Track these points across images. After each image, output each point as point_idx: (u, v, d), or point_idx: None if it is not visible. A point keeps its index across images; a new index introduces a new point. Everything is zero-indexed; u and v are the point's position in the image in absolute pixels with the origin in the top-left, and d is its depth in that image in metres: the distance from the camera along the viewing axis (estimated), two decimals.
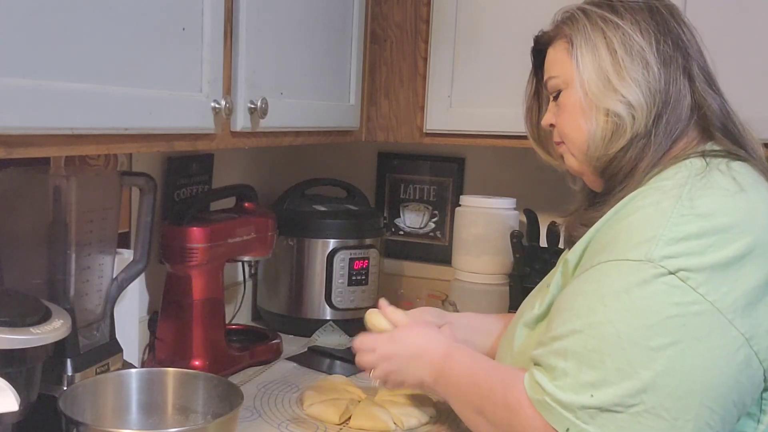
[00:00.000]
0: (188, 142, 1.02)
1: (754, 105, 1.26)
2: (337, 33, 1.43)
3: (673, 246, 0.77)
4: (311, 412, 1.25)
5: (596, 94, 0.90)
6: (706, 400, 0.75)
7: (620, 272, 0.79)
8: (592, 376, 0.77)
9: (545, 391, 0.80)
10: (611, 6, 0.93)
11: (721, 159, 0.87)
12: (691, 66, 0.91)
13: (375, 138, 1.61)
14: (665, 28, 0.91)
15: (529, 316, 0.97)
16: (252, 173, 1.83)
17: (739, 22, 1.27)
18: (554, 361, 0.81)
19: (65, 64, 0.77)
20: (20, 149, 0.74)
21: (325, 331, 1.65)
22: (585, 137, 0.93)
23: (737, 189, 0.82)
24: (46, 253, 1.05)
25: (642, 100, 0.88)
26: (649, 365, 0.75)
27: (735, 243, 0.77)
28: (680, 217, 0.79)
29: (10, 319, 0.85)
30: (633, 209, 0.84)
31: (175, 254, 1.36)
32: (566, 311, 0.83)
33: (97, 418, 1.04)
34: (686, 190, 0.82)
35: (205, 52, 1.01)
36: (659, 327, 0.75)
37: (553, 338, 0.83)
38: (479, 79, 1.50)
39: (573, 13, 0.96)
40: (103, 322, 1.13)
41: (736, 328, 0.75)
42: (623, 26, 0.90)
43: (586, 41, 0.92)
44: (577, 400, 0.77)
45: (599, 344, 0.78)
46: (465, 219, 1.67)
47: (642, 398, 0.75)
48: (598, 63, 0.91)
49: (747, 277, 0.77)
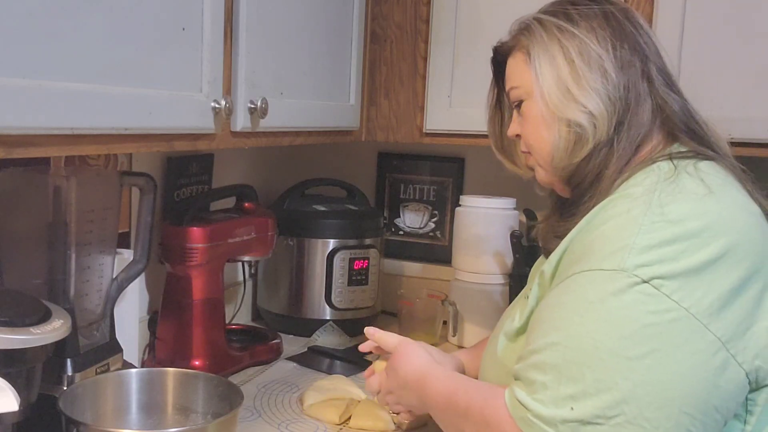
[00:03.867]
0: (188, 142, 1.02)
1: (753, 105, 1.27)
2: (337, 33, 1.43)
3: (646, 254, 0.77)
4: (311, 412, 1.25)
5: (557, 104, 0.90)
6: (686, 407, 0.74)
7: (595, 282, 0.79)
8: (572, 389, 0.76)
9: (526, 407, 0.79)
10: (566, 14, 0.93)
11: (689, 160, 0.87)
12: (650, 69, 0.91)
13: (375, 138, 1.61)
14: (621, 33, 0.91)
15: (509, 328, 0.96)
16: (252, 173, 1.83)
17: (740, 22, 1.27)
18: (533, 375, 0.80)
19: (65, 64, 0.77)
20: (20, 149, 0.74)
21: (325, 331, 1.65)
22: (549, 148, 0.93)
23: (706, 191, 0.82)
24: (46, 253, 1.05)
25: (602, 108, 0.88)
26: (627, 375, 0.74)
27: (707, 247, 0.77)
28: (651, 224, 0.78)
29: (10, 319, 0.85)
30: (605, 218, 0.84)
31: (175, 254, 1.36)
32: (544, 323, 0.83)
33: (97, 418, 1.04)
34: (656, 196, 0.81)
35: (205, 52, 1.01)
36: (636, 336, 0.75)
37: (532, 351, 0.82)
38: (479, 79, 1.49)
39: (529, 23, 0.96)
40: (103, 322, 1.13)
41: (712, 332, 0.75)
42: (579, 35, 0.90)
43: (544, 52, 0.92)
44: (557, 413, 0.76)
45: (577, 356, 0.77)
46: (465, 219, 1.67)
47: (622, 409, 0.74)
48: (556, 73, 0.90)
49: (721, 280, 0.76)
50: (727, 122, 0.99)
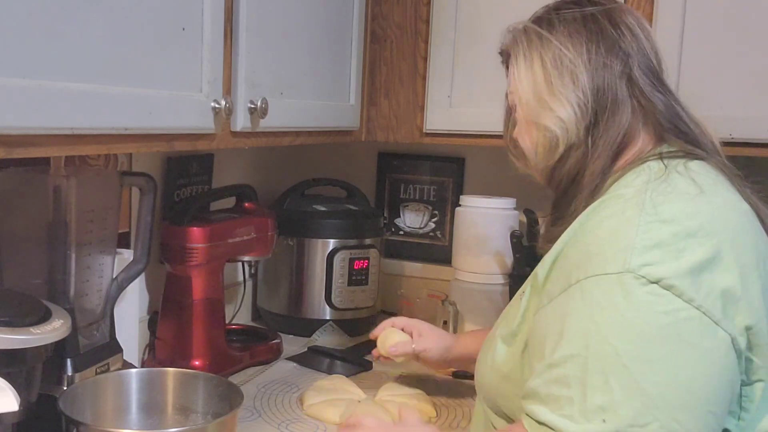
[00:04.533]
0: (188, 142, 1.02)
1: (753, 105, 1.27)
2: (337, 33, 1.43)
3: (648, 253, 0.76)
4: (311, 412, 1.25)
5: (532, 110, 0.93)
6: (710, 406, 0.74)
7: (602, 287, 0.78)
8: (600, 399, 0.74)
9: (552, 427, 0.76)
10: (549, 21, 0.94)
11: (679, 159, 0.87)
12: (631, 69, 0.91)
13: (375, 138, 1.61)
14: (599, 35, 0.91)
15: (505, 331, 0.95)
16: (252, 173, 1.83)
17: (740, 21, 1.27)
18: (557, 391, 0.77)
19: (65, 64, 0.77)
20: (20, 149, 0.74)
21: (325, 331, 1.65)
22: (530, 150, 0.97)
23: (697, 191, 0.82)
24: (46, 253, 1.05)
25: (571, 113, 0.90)
26: (652, 379, 0.73)
27: (703, 246, 0.77)
28: (647, 225, 0.78)
29: (10, 319, 0.85)
30: (599, 220, 0.84)
31: (175, 254, 1.36)
32: (556, 335, 0.80)
33: (97, 418, 1.04)
34: (647, 196, 0.81)
35: (205, 52, 1.01)
36: (655, 339, 0.74)
37: (550, 366, 0.79)
38: (479, 79, 1.50)
39: (514, 33, 0.98)
40: (103, 322, 1.13)
41: (723, 329, 0.75)
42: (555, 42, 0.92)
43: (525, 60, 0.95)
44: (590, 428, 0.74)
45: (599, 365, 0.75)
46: (465, 219, 1.66)
47: (654, 414, 0.73)
48: (533, 81, 0.93)
49: (721, 278, 0.76)
50: (728, 122, 0.99)
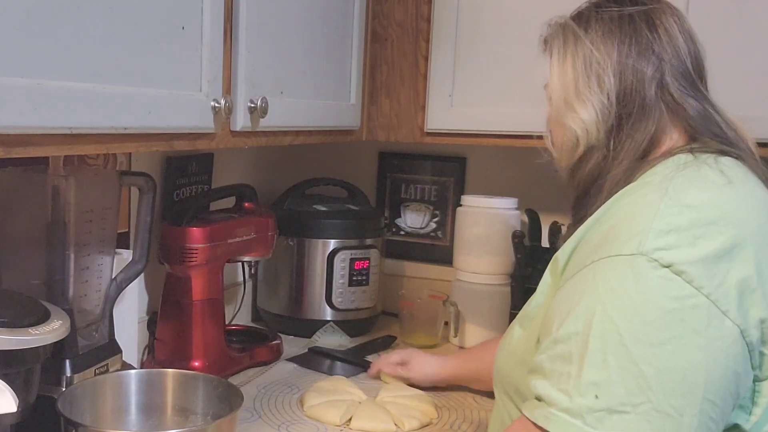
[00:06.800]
0: (188, 142, 1.02)
1: (754, 104, 1.26)
2: (338, 32, 1.42)
3: (663, 238, 0.77)
4: (311, 414, 1.25)
5: (560, 109, 0.95)
6: (708, 394, 0.75)
7: (615, 268, 0.79)
8: (595, 376, 0.76)
9: (549, 402, 0.79)
10: (587, 19, 0.95)
11: (710, 154, 0.87)
12: (663, 74, 0.91)
13: (376, 137, 1.61)
14: (632, 38, 0.91)
15: (522, 314, 0.97)
16: (252, 173, 1.83)
17: (740, 22, 1.27)
18: (559, 366, 0.80)
19: (64, 63, 0.77)
20: (19, 149, 0.73)
21: (325, 331, 1.65)
22: (555, 147, 0.99)
23: (725, 182, 0.82)
24: (45, 253, 1.05)
25: (593, 115, 0.91)
26: (651, 362, 0.74)
27: (723, 235, 0.77)
28: (668, 209, 0.79)
29: (9, 319, 0.85)
30: (621, 206, 0.85)
31: (174, 254, 1.36)
32: (564, 312, 0.82)
33: (96, 419, 1.03)
34: (673, 183, 0.82)
35: (204, 51, 1.01)
36: (659, 322, 0.75)
37: (555, 341, 0.82)
38: (480, 78, 1.49)
39: (554, 27, 0.98)
40: (102, 322, 1.13)
41: (731, 320, 0.75)
42: (587, 43, 0.92)
43: (558, 58, 0.95)
44: (582, 402, 0.76)
45: (600, 343, 0.77)
46: (466, 219, 1.66)
47: (648, 396, 0.74)
48: (563, 81, 0.94)
49: (737, 269, 0.77)
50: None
